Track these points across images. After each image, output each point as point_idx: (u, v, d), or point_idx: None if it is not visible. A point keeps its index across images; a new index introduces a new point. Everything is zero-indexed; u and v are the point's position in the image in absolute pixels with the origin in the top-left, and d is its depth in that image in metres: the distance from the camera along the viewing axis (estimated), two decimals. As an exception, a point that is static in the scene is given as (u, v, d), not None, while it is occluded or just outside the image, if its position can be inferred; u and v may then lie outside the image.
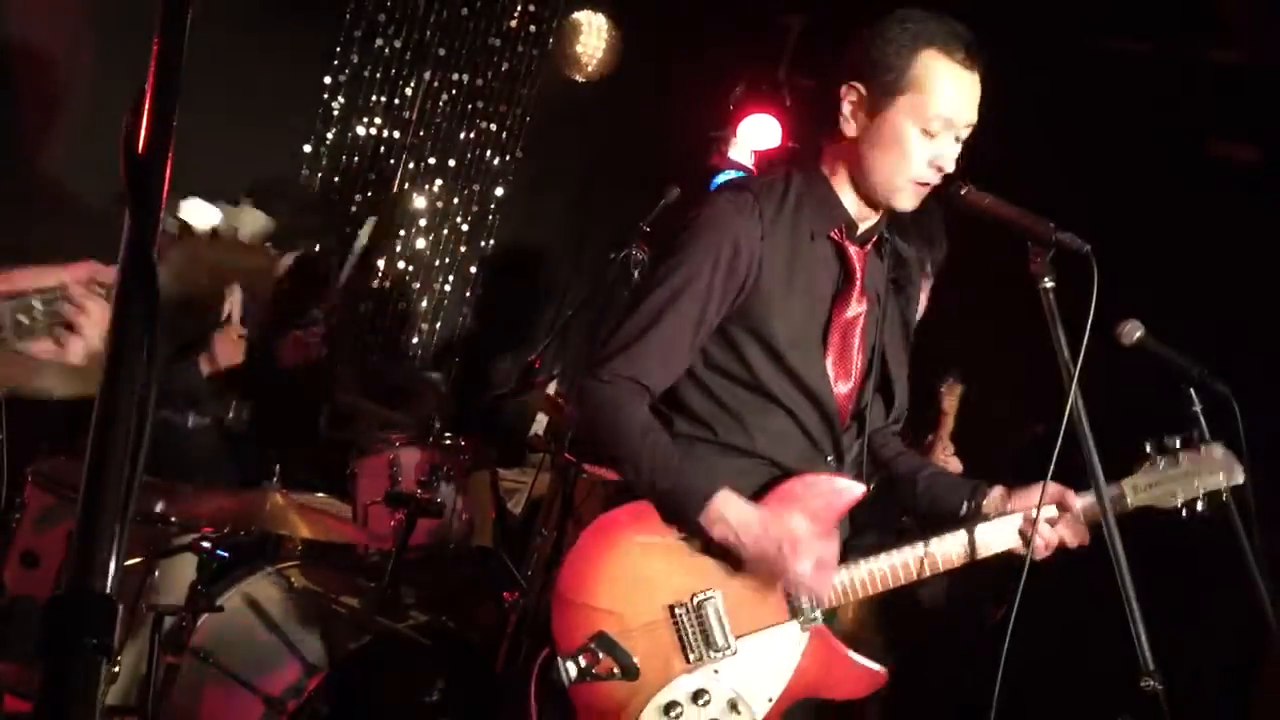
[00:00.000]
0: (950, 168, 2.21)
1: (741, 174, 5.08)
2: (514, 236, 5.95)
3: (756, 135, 5.26)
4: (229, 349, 3.76)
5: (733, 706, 2.17)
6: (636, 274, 3.74)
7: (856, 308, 2.31)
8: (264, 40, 4.83)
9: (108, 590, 0.63)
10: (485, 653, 3.47)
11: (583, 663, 2.09)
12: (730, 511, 2.13)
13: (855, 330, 2.31)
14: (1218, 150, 4.33)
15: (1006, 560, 2.29)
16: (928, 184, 2.22)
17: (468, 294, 5.88)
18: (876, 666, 2.29)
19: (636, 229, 3.83)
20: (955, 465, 3.52)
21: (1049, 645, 3.05)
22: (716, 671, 2.17)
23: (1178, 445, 2.33)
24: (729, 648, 2.17)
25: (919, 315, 2.73)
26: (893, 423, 2.48)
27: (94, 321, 1.75)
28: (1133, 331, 2.44)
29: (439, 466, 3.83)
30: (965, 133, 2.22)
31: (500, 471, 4.40)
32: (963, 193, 2.23)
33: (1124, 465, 2.31)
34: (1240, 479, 2.32)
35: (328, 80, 5.39)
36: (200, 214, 1.79)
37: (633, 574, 2.16)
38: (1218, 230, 4.10)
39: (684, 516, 2.15)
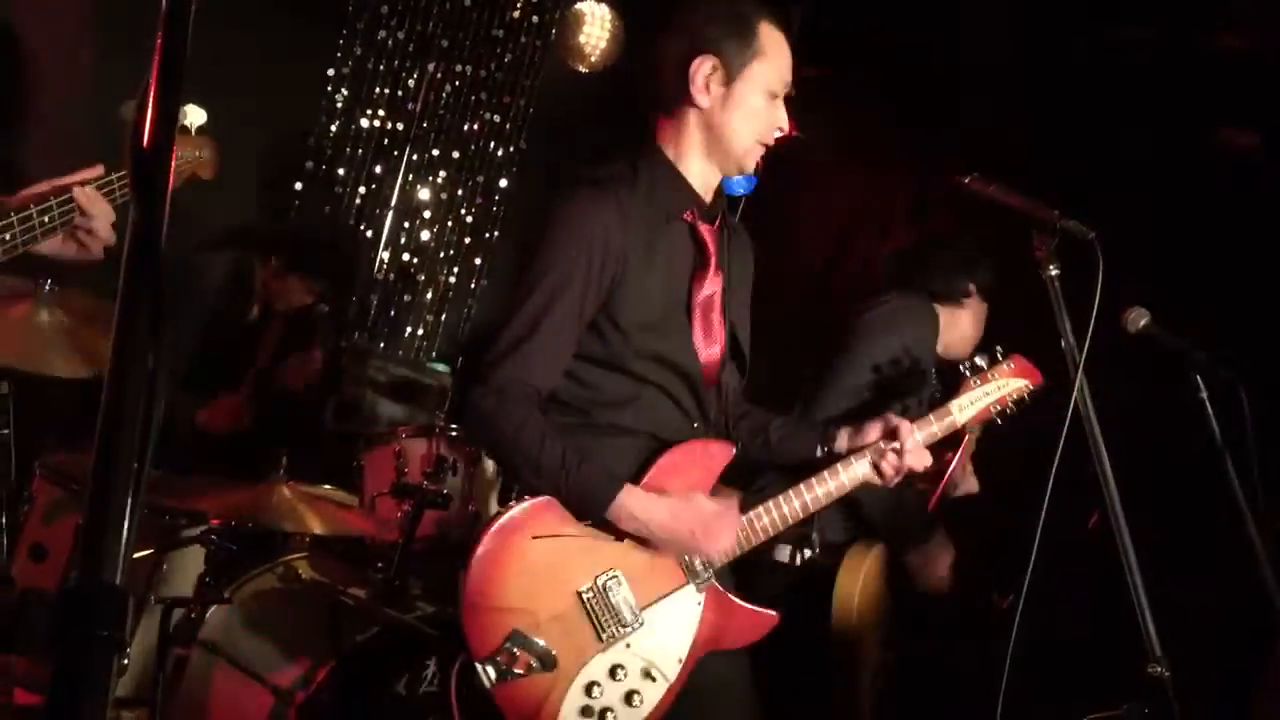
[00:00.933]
0: (788, 128, 2.38)
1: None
2: (518, 228, 5.94)
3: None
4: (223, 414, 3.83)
5: (647, 674, 2.28)
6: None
7: (713, 284, 2.42)
8: (267, 33, 4.84)
9: (118, 582, 0.63)
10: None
11: (501, 664, 2.16)
12: (636, 507, 2.24)
13: (714, 304, 2.42)
14: (1222, 139, 4.32)
15: (1011, 548, 2.31)
16: (768, 145, 2.39)
17: (473, 285, 5.89)
18: (768, 611, 2.43)
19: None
20: (973, 485, 3.53)
21: (1055, 632, 3.05)
22: (629, 645, 2.28)
23: (985, 364, 2.48)
24: (637, 620, 2.28)
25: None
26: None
27: (104, 214, 1.97)
28: (1138, 319, 2.44)
29: (445, 458, 3.83)
30: (790, 92, 2.39)
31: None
32: (967, 181, 2.23)
33: (1128, 458, 2.31)
34: (1038, 380, 2.49)
35: (331, 72, 5.39)
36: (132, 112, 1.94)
37: (536, 569, 2.23)
38: (1223, 217, 4.10)
39: (592, 514, 2.26)
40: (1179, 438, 2.48)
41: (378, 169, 5.56)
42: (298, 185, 5.35)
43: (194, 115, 2.06)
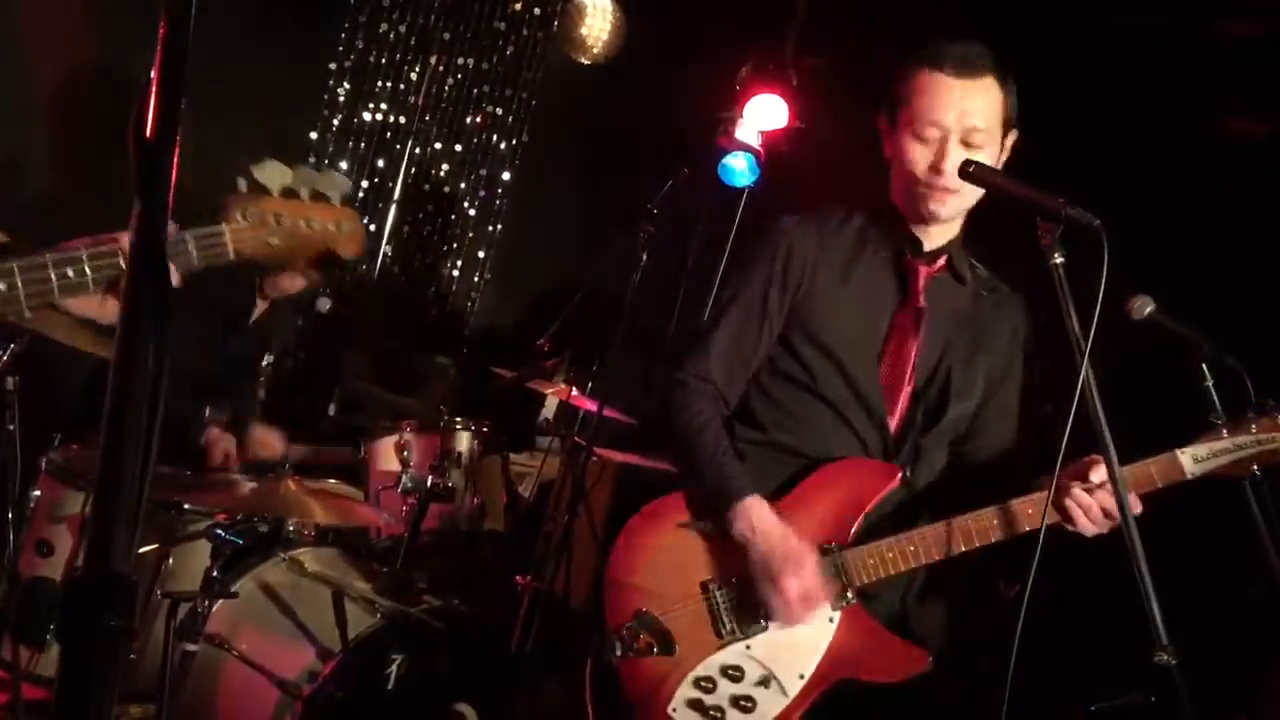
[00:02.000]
0: (946, 168, 2.29)
1: (750, 155, 5.06)
2: (521, 220, 5.94)
3: (763, 115, 5.23)
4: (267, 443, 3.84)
5: (764, 682, 2.25)
6: (644, 255, 3.73)
7: (914, 319, 2.38)
8: (270, 27, 4.83)
9: (125, 572, 0.63)
10: (498, 635, 3.48)
11: (626, 639, 2.25)
12: (755, 516, 2.25)
13: (908, 340, 2.37)
14: (1230, 126, 4.31)
15: (1017, 537, 2.29)
16: (935, 187, 2.31)
17: (476, 279, 5.89)
18: (918, 649, 2.28)
19: (644, 210, 3.82)
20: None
21: (1062, 621, 3.05)
22: (748, 647, 2.26)
23: (1250, 414, 2.28)
24: (759, 625, 2.26)
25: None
26: (961, 440, 2.46)
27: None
28: (1144, 307, 2.42)
29: (449, 451, 3.84)
30: (970, 136, 2.30)
31: (510, 456, 4.40)
32: (971, 170, 2.22)
33: (1134, 442, 2.30)
34: None
35: (333, 66, 5.39)
36: (273, 173, 1.75)
37: (672, 555, 2.31)
38: (1230, 205, 4.08)
39: (716, 508, 2.29)
40: (1185, 426, 2.47)
41: (380, 162, 5.56)
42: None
43: (339, 185, 1.83)
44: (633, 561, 2.33)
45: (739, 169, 5.02)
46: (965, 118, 2.30)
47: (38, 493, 3.33)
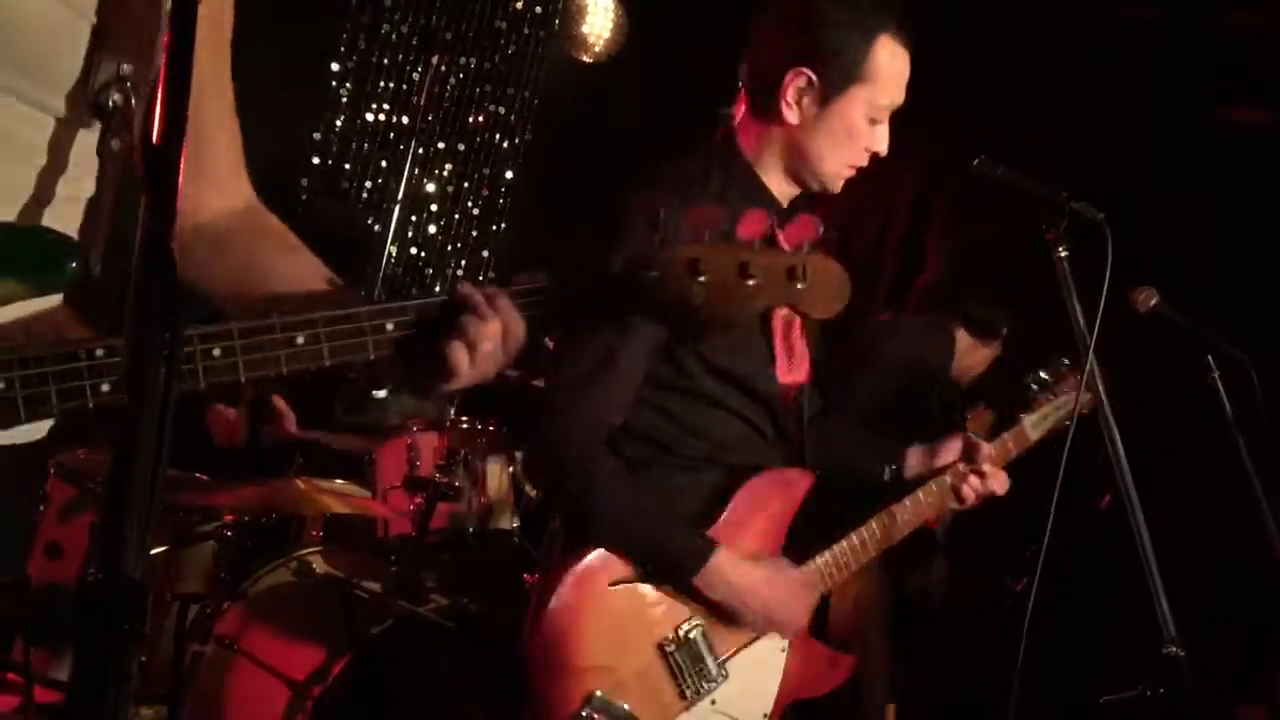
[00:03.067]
0: (882, 148, 2.17)
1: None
2: (525, 219, 5.94)
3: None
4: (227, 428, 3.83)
5: None
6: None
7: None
8: (271, 28, 4.83)
9: (137, 575, 0.64)
10: (507, 634, 3.48)
11: None
12: (732, 575, 2.06)
13: (795, 323, 2.24)
14: (1231, 117, 4.30)
15: (1024, 531, 2.30)
16: (856, 169, 2.20)
17: (480, 278, 5.89)
18: (842, 655, 2.31)
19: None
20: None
21: (1070, 615, 3.06)
22: (714, 702, 2.10)
23: (1051, 379, 2.42)
24: (721, 673, 2.11)
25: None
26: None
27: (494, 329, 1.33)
28: (1148, 299, 2.43)
29: (457, 451, 3.84)
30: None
31: (517, 455, 4.40)
32: (975, 164, 2.22)
33: (1140, 438, 2.31)
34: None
35: (336, 67, 5.40)
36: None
37: (615, 621, 2.04)
38: (1233, 196, 4.08)
39: (674, 579, 2.06)
40: (1190, 417, 2.48)
41: (383, 163, 5.57)
42: (304, 181, 5.36)
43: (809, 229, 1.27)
44: (572, 640, 2.00)
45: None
46: (904, 93, 2.17)
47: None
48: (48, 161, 1.19)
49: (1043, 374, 2.41)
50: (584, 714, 1.96)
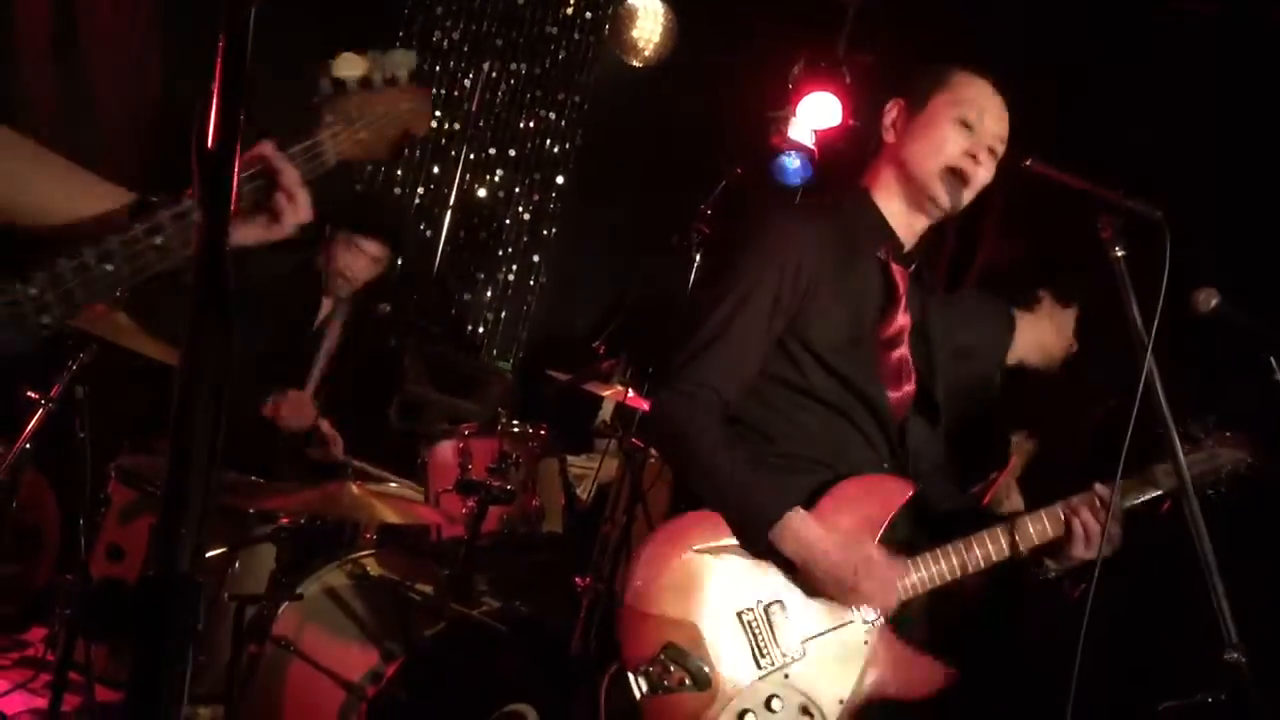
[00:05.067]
0: (984, 169, 2.30)
1: (803, 153, 5.04)
2: (575, 223, 5.96)
3: (817, 114, 5.20)
4: (299, 409, 3.88)
5: (804, 710, 2.15)
6: (698, 256, 3.73)
7: (901, 322, 2.35)
8: (324, 37, 4.89)
9: (192, 573, 0.65)
10: (559, 637, 3.50)
11: (653, 675, 2.07)
12: (804, 531, 2.14)
13: (902, 343, 2.34)
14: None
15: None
16: (966, 173, 2.29)
17: (531, 283, 5.92)
18: (946, 665, 2.28)
19: (697, 211, 3.82)
20: (1017, 503, 3.51)
21: (1129, 621, 3.00)
22: (787, 676, 2.16)
23: (1200, 433, 2.36)
24: (799, 651, 2.16)
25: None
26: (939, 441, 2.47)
27: (298, 181, 1.63)
28: (1209, 299, 2.38)
29: (508, 454, 3.86)
30: (997, 145, 2.31)
31: (568, 458, 4.42)
32: (1028, 163, 2.20)
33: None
34: (1257, 454, 2.37)
35: (388, 74, 5.45)
36: (348, 66, 1.72)
37: (700, 582, 2.14)
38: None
39: (754, 533, 2.16)
40: (1253, 421, 2.42)
41: (435, 169, 5.61)
42: (357, 188, 5.42)
43: (405, 62, 1.75)
44: (655, 590, 2.12)
45: (793, 167, 5.00)
46: (1000, 123, 2.33)
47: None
48: None
49: (1192, 427, 2.37)
50: (660, 658, 2.07)
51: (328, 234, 4.18)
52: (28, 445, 3.18)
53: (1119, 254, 2.10)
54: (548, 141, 5.90)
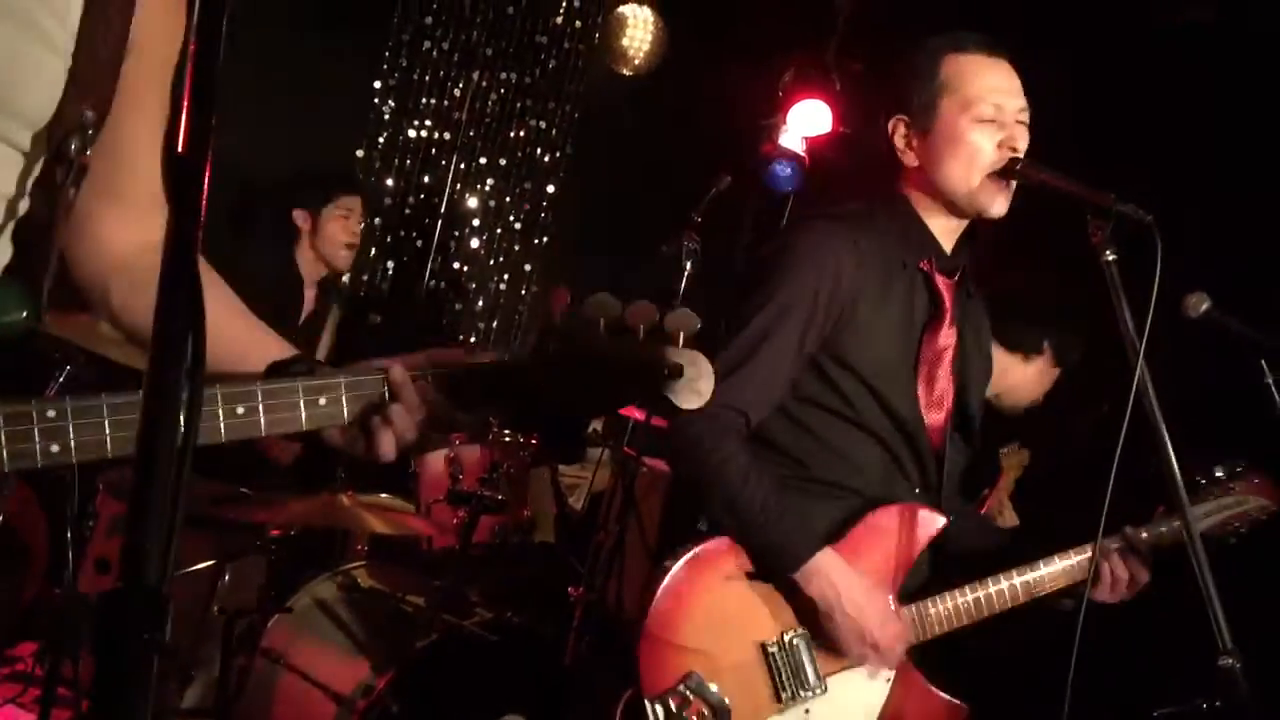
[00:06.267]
0: (1021, 145, 2.18)
1: (793, 161, 5.03)
2: (567, 232, 5.96)
3: (807, 120, 5.21)
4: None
5: None
6: (688, 265, 3.72)
7: (947, 338, 2.28)
8: (314, 47, 4.89)
9: (159, 585, 0.63)
10: (551, 648, 3.48)
11: (672, 705, 2.02)
12: (832, 575, 2.09)
13: (944, 360, 2.28)
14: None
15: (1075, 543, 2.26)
16: (1006, 176, 2.17)
17: (523, 292, 5.91)
18: (957, 702, 2.26)
19: (688, 219, 3.81)
20: (1012, 521, 3.50)
21: (1122, 628, 2.99)
22: (807, 711, 2.13)
23: (1224, 476, 2.36)
24: (820, 686, 2.13)
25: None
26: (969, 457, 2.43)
27: (412, 409, 1.33)
28: (1199, 303, 2.37)
29: (499, 464, 3.85)
30: (1023, 116, 2.20)
31: (560, 468, 4.41)
32: (1018, 168, 2.18)
33: (1193, 447, 2.27)
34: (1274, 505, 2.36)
35: (378, 84, 5.45)
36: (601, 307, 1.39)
37: (723, 612, 2.10)
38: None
39: (779, 569, 2.11)
40: (1244, 425, 2.42)
41: (426, 179, 5.61)
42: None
43: (686, 322, 1.40)
44: (678, 617, 2.06)
45: (784, 175, 5.00)
46: (1016, 95, 2.19)
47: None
48: (12, 198, 1.19)
49: (1216, 473, 2.37)
50: (680, 689, 2.02)
51: (317, 216, 4.13)
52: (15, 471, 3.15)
53: (1110, 258, 2.09)
54: (538, 150, 5.90)
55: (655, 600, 2.07)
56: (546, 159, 5.88)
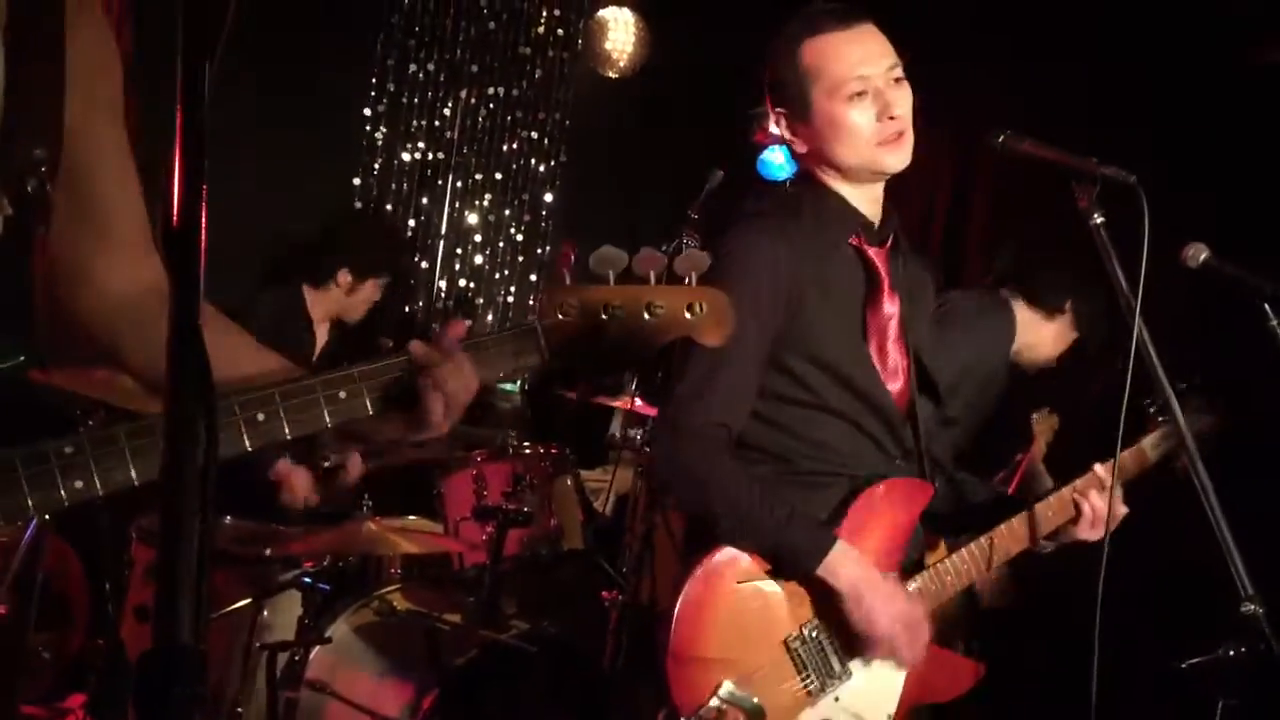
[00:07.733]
0: (901, 110, 2.18)
1: (785, 147, 5.04)
2: (568, 239, 5.98)
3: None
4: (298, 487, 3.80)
5: None
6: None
7: (890, 307, 2.30)
8: (302, 78, 4.94)
9: (193, 641, 0.67)
10: (590, 653, 3.51)
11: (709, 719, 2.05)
12: (855, 566, 2.12)
13: (891, 329, 2.30)
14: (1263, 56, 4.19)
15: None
16: (891, 135, 2.18)
17: (530, 302, 5.94)
18: (971, 660, 2.33)
19: (684, 216, 3.83)
20: (1046, 484, 3.52)
21: (1145, 578, 3.01)
22: (837, 699, 2.17)
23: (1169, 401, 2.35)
24: (845, 673, 2.17)
25: None
26: (947, 421, 2.49)
27: (456, 377, 1.41)
28: (1198, 254, 2.39)
29: (522, 476, 3.88)
30: (896, 73, 2.20)
31: (583, 473, 4.44)
32: (1000, 140, 2.21)
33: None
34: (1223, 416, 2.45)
35: (368, 111, 5.49)
36: (608, 260, 1.45)
37: (741, 618, 2.13)
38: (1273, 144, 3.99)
39: (799, 571, 2.13)
40: (1251, 370, 2.43)
41: (424, 200, 5.65)
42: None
43: (696, 262, 1.45)
44: (700, 631, 2.09)
45: (777, 163, 5.02)
46: (880, 59, 2.18)
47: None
48: None
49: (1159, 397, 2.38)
50: (714, 703, 2.04)
51: (360, 281, 4.27)
52: (47, 515, 3.20)
53: (1098, 221, 2.11)
54: (533, 161, 5.93)
55: (675, 621, 2.09)
56: (542, 169, 5.91)
